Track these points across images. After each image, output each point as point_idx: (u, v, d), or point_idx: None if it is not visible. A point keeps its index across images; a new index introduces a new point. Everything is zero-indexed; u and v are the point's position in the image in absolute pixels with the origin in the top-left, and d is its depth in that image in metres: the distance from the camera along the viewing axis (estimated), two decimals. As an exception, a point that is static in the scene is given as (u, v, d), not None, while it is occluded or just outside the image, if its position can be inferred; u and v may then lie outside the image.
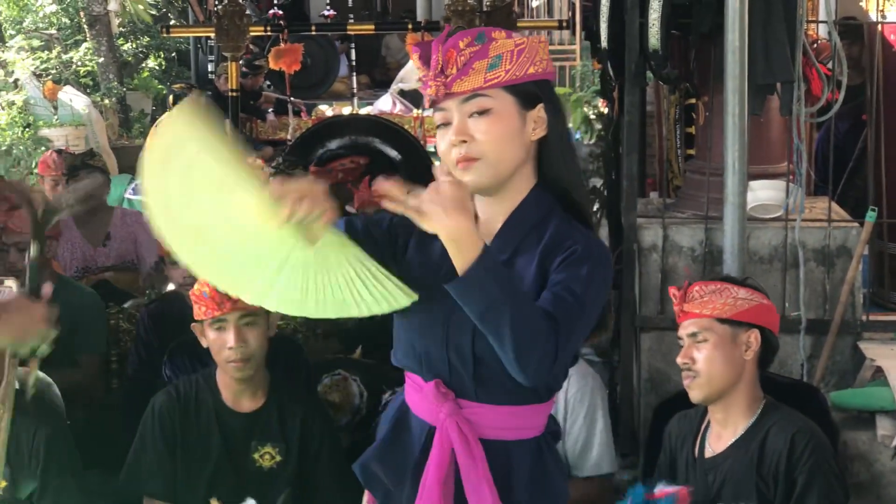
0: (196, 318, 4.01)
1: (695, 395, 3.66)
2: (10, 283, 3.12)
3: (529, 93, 2.49)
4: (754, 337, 3.63)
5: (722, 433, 3.69)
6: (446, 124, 2.50)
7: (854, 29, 6.99)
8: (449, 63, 2.46)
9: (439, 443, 2.54)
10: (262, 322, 3.95)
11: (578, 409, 4.16)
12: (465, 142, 2.46)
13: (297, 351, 4.81)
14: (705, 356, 3.60)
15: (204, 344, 4.04)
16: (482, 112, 2.47)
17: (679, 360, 3.68)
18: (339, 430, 4.49)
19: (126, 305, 5.99)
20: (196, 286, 3.96)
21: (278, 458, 4.04)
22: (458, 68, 2.46)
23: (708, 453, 3.71)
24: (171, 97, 10.48)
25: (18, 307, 2.88)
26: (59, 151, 7.54)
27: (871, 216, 4.99)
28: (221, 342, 3.92)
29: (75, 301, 5.36)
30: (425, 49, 2.52)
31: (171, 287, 5.39)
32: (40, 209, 3.18)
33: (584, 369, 4.26)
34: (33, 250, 3.04)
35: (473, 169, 2.47)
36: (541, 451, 2.61)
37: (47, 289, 2.99)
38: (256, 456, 4.04)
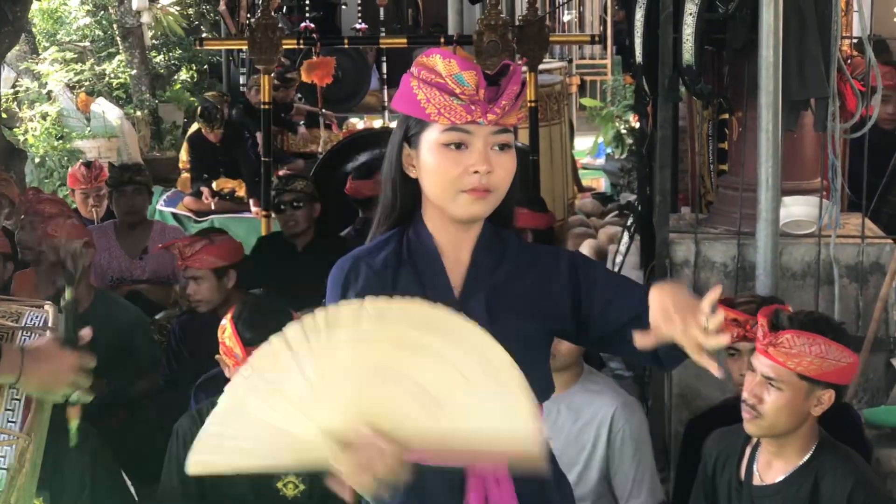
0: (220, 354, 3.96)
1: (751, 430, 3.53)
2: (49, 309, 3.03)
3: None
4: (828, 396, 3.47)
5: (773, 462, 3.56)
6: (459, 146, 2.45)
7: (882, 44, 6.97)
8: (508, 95, 2.45)
9: (475, 488, 2.49)
10: None
11: (628, 445, 4.11)
12: (490, 172, 2.45)
13: None
14: (775, 403, 3.44)
15: (228, 374, 3.94)
16: (504, 146, 2.47)
17: (745, 394, 3.51)
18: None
19: (158, 317, 6.03)
20: (225, 339, 3.88)
21: (301, 486, 4.00)
22: (511, 102, 2.45)
23: (756, 481, 3.59)
24: (199, 108, 10.50)
25: (48, 355, 2.81)
26: (87, 164, 7.58)
27: (905, 233, 4.97)
28: None
29: (123, 317, 5.42)
30: (466, 64, 2.46)
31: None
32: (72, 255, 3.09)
33: (627, 399, 4.22)
34: (67, 294, 2.96)
35: (486, 200, 2.47)
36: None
37: (86, 333, 2.92)
38: (280, 485, 4.00)
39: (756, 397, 3.47)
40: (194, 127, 10.95)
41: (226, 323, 3.90)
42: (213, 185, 9.88)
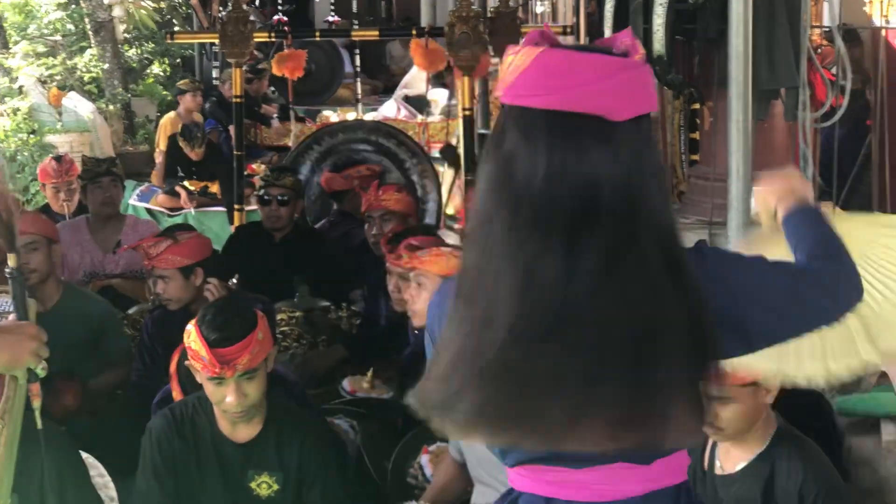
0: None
1: (719, 440, 3.59)
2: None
3: None
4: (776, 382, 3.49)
5: (731, 451, 3.60)
6: None
7: (852, 32, 6.99)
8: None
9: None
10: (262, 370, 3.85)
11: None
12: None
13: (288, 385, 4.64)
14: (730, 416, 3.45)
15: (199, 379, 3.91)
16: None
17: None
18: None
19: (130, 312, 6.02)
20: (192, 343, 3.83)
21: (276, 486, 3.97)
22: None
23: (718, 470, 3.63)
24: (176, 95, 10.51)
25: (8, 328, 2.81)
26: (58, 158, 7.55)
27: (875, 221, 4.99)
28: (220, 395, 3.82)
29: (93, 310, 5.44)
30: None
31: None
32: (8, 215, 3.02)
33: None
34: (10, 261, 2.93)
35: None
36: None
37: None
38: (254, 485, 3.97)
39: (713, 416, 3.43)
40: (169, 117, 10.94)
41: (191, 328, 3.88)
42: (186, 182, 9.87)
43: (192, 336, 3.84)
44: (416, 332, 5.29)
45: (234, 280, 5.95)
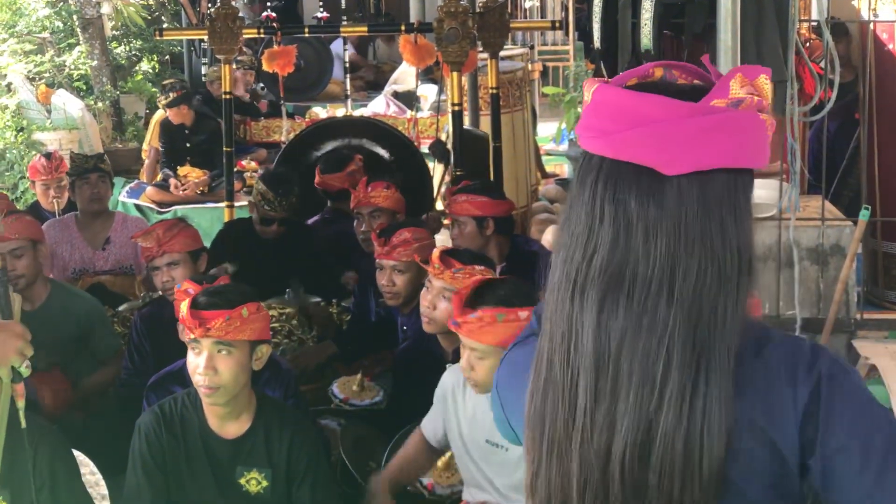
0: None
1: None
2: None
3: None
4: None
5: None
6: None
7: (841, 26, 7.00)
8: None
9: None
10: (238, 353, 3.84)
11: None
12: None
13: (281, 373, 4.67)
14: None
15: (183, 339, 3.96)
16: None
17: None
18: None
19: (120, 309, 6.02)
20: (181, 305, 3.88)
21: (265, 482, 3.98)
22: None
23: None
24: (160, 95, 10.46)
25: None
26: (47, 155, 7.56)
27: (864, 215, 5.00)
28: (195, 365, 3.84)
29: (81, 308, 5.45)
30: None
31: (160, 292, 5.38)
32: None
33: None
34: None
35: None
36: None
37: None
38: (243, 481, 3.98)
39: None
40: (160, 113, 10.92)
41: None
42: (178, 170, 9.89)
43: (184, 301, 3.88)
44: (404, 328, 5.30)
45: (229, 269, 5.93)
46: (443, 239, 6.21)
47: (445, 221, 6.56)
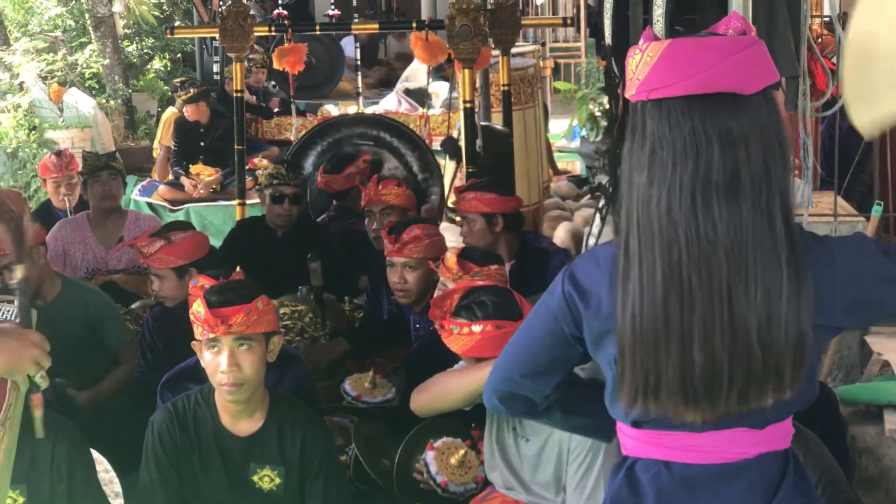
0: (195, 338, 3.94)
1: None
2: (17, 301, 2.99)
3: None
4: None
5: None
6: None
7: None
8: None
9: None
10: (257, 347, 3.86)
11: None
12: None
13: (299, 367, 4.71)
14: None
15: (200, 357, 3.95)
16: None
17: None
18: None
19: (133, 307, 6.02)
20: (194, 306, 3.88)
21: (278, 480, 3.99)
22: None
23: None
24: (180, 90, 10.47)
25: (10, 333, 2.79)
26: (58, 153, 7.56)
27: (877, 210, 4.99)
28: (215, 365, 3.83)
29: (91, 300, 5.45)
30: None
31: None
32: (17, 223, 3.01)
33: None
34: (18, 272, 2.92)
35: None
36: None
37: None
38: (256, 479, 3.99)
39: None
40: (172, 111, 10.94)
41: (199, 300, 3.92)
42: (190, 169, 9.90)
43: (196, 303, 3.88)
44: (417, 326, 5.30)
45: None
46: (449, 237, 6.21)
47: (457, 219, 6.56)
